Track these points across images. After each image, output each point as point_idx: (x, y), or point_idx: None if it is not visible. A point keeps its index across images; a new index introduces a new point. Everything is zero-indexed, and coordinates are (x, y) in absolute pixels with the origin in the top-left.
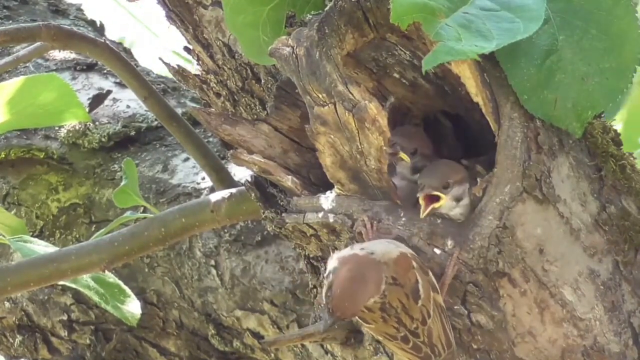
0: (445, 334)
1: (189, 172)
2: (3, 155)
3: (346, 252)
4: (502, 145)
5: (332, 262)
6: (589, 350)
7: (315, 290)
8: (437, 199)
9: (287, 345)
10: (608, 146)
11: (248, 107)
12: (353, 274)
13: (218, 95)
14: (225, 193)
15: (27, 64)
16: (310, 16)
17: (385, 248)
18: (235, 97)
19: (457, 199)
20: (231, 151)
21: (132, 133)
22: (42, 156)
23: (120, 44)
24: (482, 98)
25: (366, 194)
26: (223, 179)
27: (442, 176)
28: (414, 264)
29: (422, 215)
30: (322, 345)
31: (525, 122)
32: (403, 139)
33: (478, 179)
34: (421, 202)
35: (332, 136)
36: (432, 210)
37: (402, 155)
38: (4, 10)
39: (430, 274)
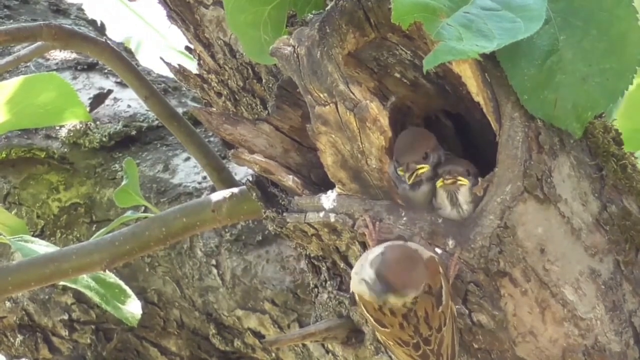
0: (452, 345)
1: (190, 171)
2: (4, 155)
3: (392, 242)
4: (503, 144)
5: (376, 250)
6: (589, 349)
7: (316, 289)
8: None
9: (288, 344)
10: (609, 146)
11: (249, 106)
12: (407, 255)
13: (219, 94)
14: (226, 193)
15: (28, 64)
16: (312, 16)
17: (419, 249)
18: (237, 96)
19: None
20: (232, 151)
21: (133, 133)
22: (42, 156)
23: (121, 43)
24: (483, 98)
25: (367, 193)
26: (224, 179)
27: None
28: (440, 269)
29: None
30: (323, 345)
31: (526, 122)
32: (408, 154)
33: (479, 179)
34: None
35: (333, 136)
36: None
37: (420, 167)
38: (5, 10)
39: (449, 282)
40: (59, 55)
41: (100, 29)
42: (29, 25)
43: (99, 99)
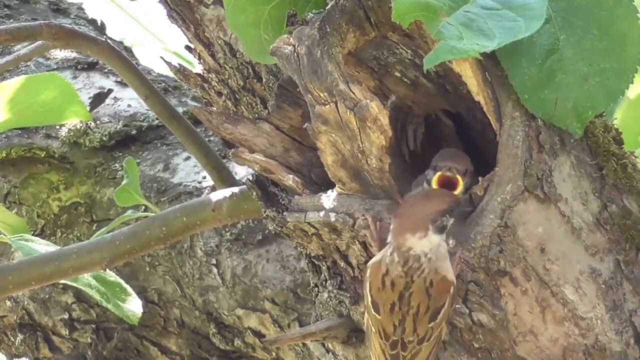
0: None
1: (190, 171)
2: (4, 154)
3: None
4: (503, 144)
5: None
6: (590, 349)
7: (316, 289)
8: (454, 186)
9: (288, 344)
10: (609, 145)
11: (249, 106)
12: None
13: (219, 94)
14: (226, 192)
15: (28, 63)
16: (312, 15)
17: (448, 264)
18: (237, 96)
19: (467, 190)
20: (232, 150)
21: (133, 132)
22: (43, 155)
23: (121, 42)
24: (483, 97)
25: (367, 192)
26: (224, 178)
27: (465, 161)
28: (452, 290)
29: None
30: (323, 344)
31: (527, 121)
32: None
33: (479, 178)
34: (435, 185)
35: (333, 135)
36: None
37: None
38: (5, 9)
39: (455, 306)
40: (59, 54)
41: (101, 29)
42: (29, 24)
43: (99, 99)
